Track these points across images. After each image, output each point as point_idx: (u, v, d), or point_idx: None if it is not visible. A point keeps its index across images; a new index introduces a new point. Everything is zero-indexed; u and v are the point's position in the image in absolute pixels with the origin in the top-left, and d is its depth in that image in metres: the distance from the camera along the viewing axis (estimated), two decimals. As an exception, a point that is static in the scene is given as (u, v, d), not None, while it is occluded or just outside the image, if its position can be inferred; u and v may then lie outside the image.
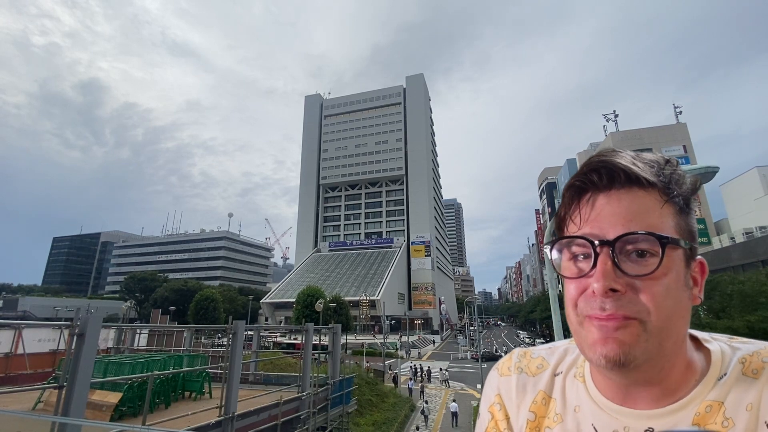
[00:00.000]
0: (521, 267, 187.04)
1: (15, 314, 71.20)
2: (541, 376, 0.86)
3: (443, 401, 29.25)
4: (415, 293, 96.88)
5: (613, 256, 0.64)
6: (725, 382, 0.65)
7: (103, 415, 7.97)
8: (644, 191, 0.66)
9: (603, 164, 0.68)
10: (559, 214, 0.75)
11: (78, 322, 5.50)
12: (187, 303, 69.32)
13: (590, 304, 0.65)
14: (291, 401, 10.44)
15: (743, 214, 44.23)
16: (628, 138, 60.93)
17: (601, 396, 0.74)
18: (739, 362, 0.67)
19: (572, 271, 0.69)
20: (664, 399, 0.67)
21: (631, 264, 0.64)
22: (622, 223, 0.65)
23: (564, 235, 0.72)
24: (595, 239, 0.66)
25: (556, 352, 0.88)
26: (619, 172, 0.66)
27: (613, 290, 0.63)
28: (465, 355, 56.02)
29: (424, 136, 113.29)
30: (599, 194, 0.68)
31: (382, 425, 21.06)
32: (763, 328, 18.35)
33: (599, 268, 0.64)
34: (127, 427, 7.44)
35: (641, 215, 0.65)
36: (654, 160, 0.70)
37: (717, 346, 0.71)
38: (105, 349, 15.70)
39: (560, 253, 0.72)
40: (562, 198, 0.75)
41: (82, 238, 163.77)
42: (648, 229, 0.63)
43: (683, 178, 0.69)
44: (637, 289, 0.63)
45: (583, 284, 0.67)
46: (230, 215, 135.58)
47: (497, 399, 0.89)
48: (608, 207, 0.67)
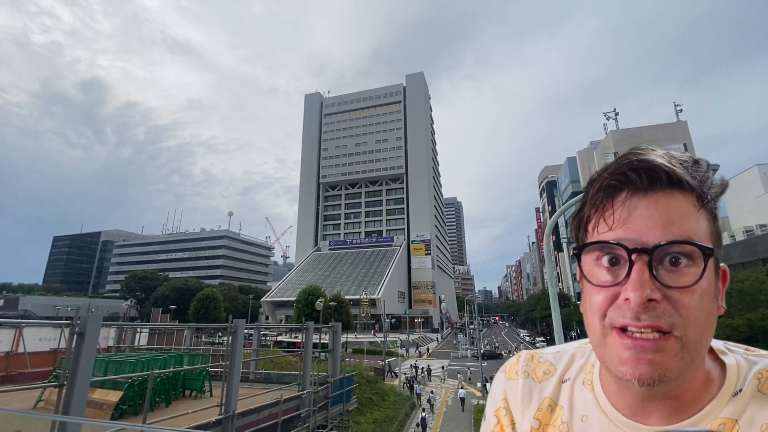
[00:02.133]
0: (521, 265, 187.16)
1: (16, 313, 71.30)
2: (547, 382, 0.82)
3: (444, 399, 29.37)
4: (416, 292, 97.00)
5: (650, 265, 0.59)
6: (740, 398, 0.62)
7: (103, 413, 7.99)
8: (682, 195, 0.62)
9: (643, 163, 0.62)
10: (585, 213, 0.69)
11: (78, 321, 5.51)
12: (187, 302, 69.39)
13: (623, 314, 0.60)
14: (291, 400, 10.45)
15: (743, 212, 44.16)
16: (628, 136, 60.87)
17: (611, 407, 0.70)
18: (755, 377, 0.63)
19: (600, 279, 0.64)
20: (677, 414, 0.63)
21: (669, 274, 0.59)
22: (660, 228, 0.60)
23: (591, 238, 0.66)
24: (631, 245, 0.60)
25: (564, 357, 0.84)
26: (661, 174, 0.61)
27: (650, 300, 0.59)
28: (465, 353, 56.11)
29: (424, 134, 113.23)
30: (636, 195, 0.62)
31: (383, 423, 21.11)
32: (763, 326, 18.38)
33: (635, 277, 0.59)
34: (128, 425, 7.46)
35: (680, 220, 0.60)
36: (685, 159, 0.65)
37: (733, 358, 0.68)
38: (106, 347, 15.73)
39: (586, 258, 0.66)
40: (587, 195, 0.68)
41: (83, 237, 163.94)
42: (687, 236, 0.59)
43: (712, 180, 0.65)
44: (673, 300, 0.59)
45: (613, 293, 0.62)
46: (230, 214, 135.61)
47: (503, 404, 0.86)
48: (645, 210, 0.61)
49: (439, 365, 42.43)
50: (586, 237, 0.68)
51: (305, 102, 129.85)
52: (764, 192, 42.40)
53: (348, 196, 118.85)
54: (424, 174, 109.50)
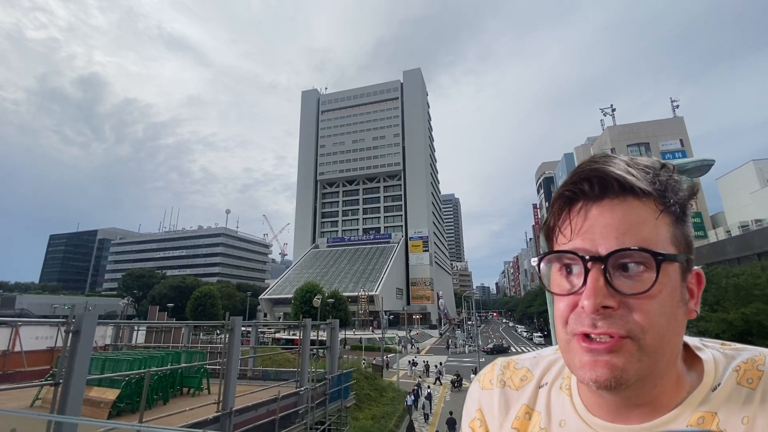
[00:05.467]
0: (519, 261, 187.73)
1: (12, 312, 71.11)
2: (524, 388, 0.81)
3: (441, 395, 29.51)
4: (414, 288, 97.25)
5: (605, 273, 0.60)
6: (719, 392, 0.62)
7: (101, 411, 7.98)
8: (639, 201, 0.62)
9: (595, 172, 0.63)
10: (548, 225, 0.70)
11: (73, 320, 5.48)
12: (185, 300, 69.22)
13: (581, 321, 0.61)
14: (289, 396, 10.47)
15: (739, 207, 44.41)
16: (625, 132, 60.93)
17: (587, 411, 0.70)
18: (734, 371, 0.63)
19: (562, 287, 0.65)
20: (654, 413, 0.63)
21: (624, 281, 0.60)
22: (615, 236, 0.60)
23: (554, 247, 0.67)
24: (585, 254, 0.61)
25: (542, 362, 0.84)
26: (612, 182, 0.62)
27: (605, 307, 0.59)
28: (463, 349, 56.36)
29: (422, 131, 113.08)
30: (591, 204, 0.63)
31: (381, 419, 21.17)
32: (757, 320, 18.52)
33: (590, 285, 0.60)
34: (125, 425, 7.46)
35: (635, 227, 0.60)
36: (650, 165, 0.65)
37: (709, 354, 0.68)
38: (103, 345, 15.71)
39: (549, 268, 0.68)
40: (551, 207, 0.70)
41: (79, 235, 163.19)
42: (642, 242, 0.59)
43: (679, 184, 0.65)
44: (629, 306, 0.59)
45: (573, 300, 0.63)
46: (228, 212, 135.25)
47: (478, 414, 0.84)
48: (600, 218, 0.62)
49: (437, 361, 42.58)
50: (553, 247, 0.69)
51: (302, 99, 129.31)
52: (760, 187, 42.63)
53: (346, 193, 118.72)
54: (422, 171, 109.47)
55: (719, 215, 50.89)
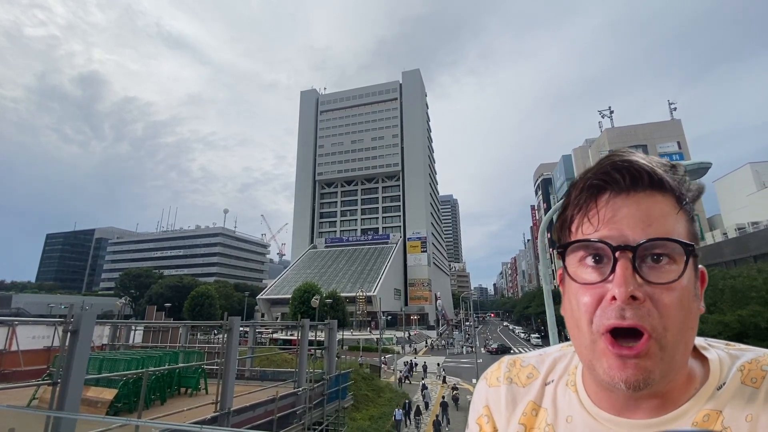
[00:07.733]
0: (516, 262, 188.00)
1: (8, 311, 70.73)
2: (531, 385, 0.83)
3: (438, 395, 29.53)
4: (412, 289, 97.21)
5: (633, 262, 0.61)
6: (724, 391, 0.63)
7: (98, 411, 7.96)
8: (662, 196, 0.64)
9: (627, 164, 0.64)
10: (568, 214, 0.69)
11: (71, 319, 5.47)
12: (182, 299, 69.02)
13: (607, 314, 0.61)
14: (287, 397, 10.46)
15: (736, 209, 44.63)
16: (623, 134, 61.17)
17: (593, 405, 0.71)
18: (738, 370, 0.65)
19: (587, 278, 0.65)
20: (662, 409, 0.64)
21: (652, 271, 0.61)
22: (642, 227, 0.61)
23: (574, 237, 0.67)
24: (615, 243, 0.62)
25: (547, 359, 0.85)
26: (644, 174, 0.63)
27: (633, 298, 0.60)
28: (461, 350, 56.39)
29: (421, 131, 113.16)
30: (619, 195, 0.64)
31: (378, 420, 21.18)
32: (753, 322, 18.60)
33: (619, 273, 0.60)
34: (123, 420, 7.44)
35: (660, 220, 0.62)
36: (664, 163, 0.67)
37: (715, 353, 0.69)
38: (100, 345, 15.64)
39: (571, 258, 0.67)
40: (570, 196, 0.69)
41: (76, 234, 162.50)
42: (668, 234, 0.61)
43: (690, 184, 0.67)
44: (654, 299, 0.60)
45: (599, 292, 0.63)
46: (226, 211, 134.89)
47: (485, 411, 0.86)
48: (627, 210, 0.63)
49: (435, 362, 42.59)
50: (570, 238, 0.69)
51: (301, 98, 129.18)
52: (756, 190, 42.87)
53: (344, 194, 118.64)
54: (421, 171, 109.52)
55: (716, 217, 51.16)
